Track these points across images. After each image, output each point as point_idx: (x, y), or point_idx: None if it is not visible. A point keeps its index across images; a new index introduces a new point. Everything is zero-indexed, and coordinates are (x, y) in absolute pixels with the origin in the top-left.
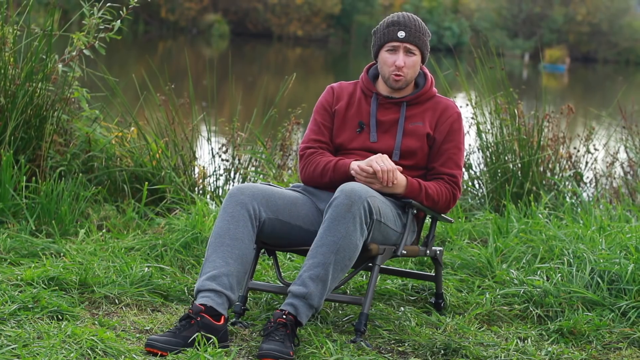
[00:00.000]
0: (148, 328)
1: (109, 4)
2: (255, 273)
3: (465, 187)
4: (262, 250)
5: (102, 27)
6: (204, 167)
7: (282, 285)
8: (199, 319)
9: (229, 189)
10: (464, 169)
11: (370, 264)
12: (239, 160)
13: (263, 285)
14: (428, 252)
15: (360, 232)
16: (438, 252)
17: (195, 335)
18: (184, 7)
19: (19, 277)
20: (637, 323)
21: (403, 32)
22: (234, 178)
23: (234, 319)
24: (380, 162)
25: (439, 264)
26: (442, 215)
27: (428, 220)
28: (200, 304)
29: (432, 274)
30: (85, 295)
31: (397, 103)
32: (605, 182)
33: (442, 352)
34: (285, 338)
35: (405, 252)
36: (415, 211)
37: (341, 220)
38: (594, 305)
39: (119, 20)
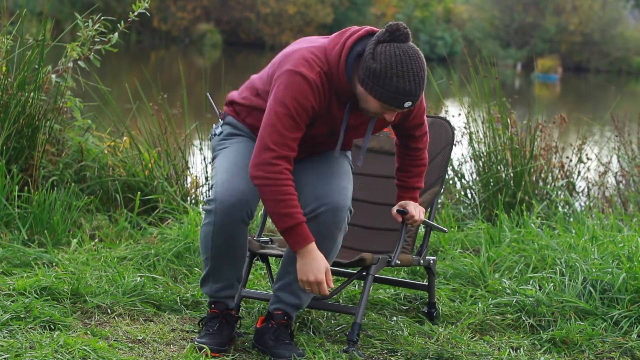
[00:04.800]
0: (140, 338)
1: (103, 18)
2: (247, 282)
3: (457, 196)
4: (256, 258)
5: (98, 39)
6: (196, 176)
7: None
8: (224, 318)
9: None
10: (456, 179)
11: (364, 274)
12: None
13: (256, 293)
14: (422, 261)
15: (343, 234)
16: (431, 261)
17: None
18: (177, 17)
19: (11, 287)
20: (630, 332)
21: (410, 102)
22: None
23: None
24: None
25: (432, 274)
26: (436, 225)
27: (421, 230)
28: (223, 303)
29: (425, 283)
30: (78, 305)
31: None
32: (597, 192)
33: None
34: (291, 339)
35: (399, 262)
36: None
37: (330, 236)
38: (586, 314)
39: (116, 33)
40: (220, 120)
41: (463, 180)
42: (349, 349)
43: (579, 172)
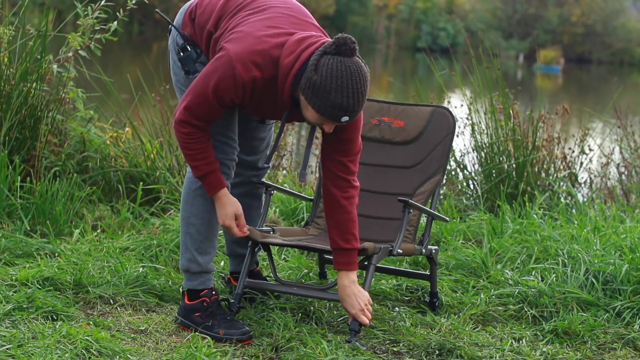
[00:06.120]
0: (143, 328)
1: (103, 3)
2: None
3: (459, 187)
4: (257, 247)
5: (98, 27)
6: None
7: (277, 282)
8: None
9: None
10: (458, 170)
11: (366, 263)
12: None
13: (259, 282)
14: (424, 250)
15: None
16: (433, 251)
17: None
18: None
19: (13, 277)
20: (632, 323)
21: (347, 117)
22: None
23: (229, 317)
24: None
25: (434, 263)
26: (437, 214)
27: (423, 221)
28: (214, 288)
29: (427, 273)
30: (80, 296)
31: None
32: (599, 183)
33: (437, 352)
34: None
35: (401, 251)
36: (411, 211)
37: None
38: (588, 305)
39: (115, 22)
40: (181, 34)
41: (465, 171)
42: (351, 339)
43: (581, 163)
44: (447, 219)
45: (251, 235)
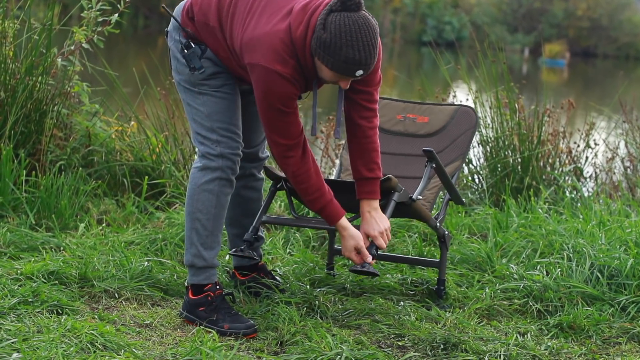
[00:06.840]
0: (148, 322)
1: None
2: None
3: (465, 181)
4: (280, 184)
5: (101, 20)
6: None
7: (294, 217)
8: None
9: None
10: (464, 164)
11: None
12: None
13: (275, 218)
14: (438, 225)
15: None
16: (447, 232)
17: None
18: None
19: (18, 271)
20: (637, 318)
21: (362, 71)
22: None
23: (243, 247)
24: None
25: (446, 248)
26: (456, 190)
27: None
28: (218, 282)
29: (436, 260)
30: (85, 290)
31: None
32: (605, 177)
33: (442, 346)
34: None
35: (421, 197)
36: (434, 165)
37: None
38: (593, 300)
39: (116, 15)
40: (182, 30)
41: (470, 165)
42: (365, 264)
43: (587, 158)
44: (464, 201)
45: (274, 173)
